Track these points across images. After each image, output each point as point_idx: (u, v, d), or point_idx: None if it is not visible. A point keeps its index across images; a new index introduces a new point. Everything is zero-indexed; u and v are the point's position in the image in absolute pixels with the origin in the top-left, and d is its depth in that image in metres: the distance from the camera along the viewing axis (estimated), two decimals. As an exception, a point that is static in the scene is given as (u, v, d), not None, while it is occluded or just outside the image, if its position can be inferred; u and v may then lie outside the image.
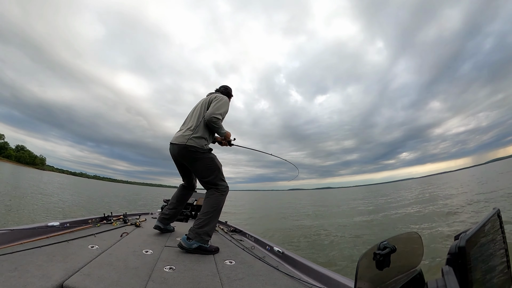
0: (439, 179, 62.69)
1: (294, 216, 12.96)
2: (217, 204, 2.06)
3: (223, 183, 2.17)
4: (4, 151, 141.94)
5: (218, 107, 2.15)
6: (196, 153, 2.07)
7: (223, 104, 2.21)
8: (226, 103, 2.25)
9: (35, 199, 11.22)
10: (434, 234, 5.99)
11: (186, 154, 2.09)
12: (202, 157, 2.09)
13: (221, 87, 2.60)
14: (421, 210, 10.37)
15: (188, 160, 2.13)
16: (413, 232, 0.83)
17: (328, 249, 5.66)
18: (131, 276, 1.27)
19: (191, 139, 2.06)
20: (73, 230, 2.00)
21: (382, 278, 0.70)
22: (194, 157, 2.09)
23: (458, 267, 0.53)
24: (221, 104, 2.19)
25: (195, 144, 2.06)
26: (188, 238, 1.90)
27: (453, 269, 0.53)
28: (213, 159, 2.16)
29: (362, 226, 8.63)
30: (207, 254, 1.90)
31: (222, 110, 2.18)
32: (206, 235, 1.95)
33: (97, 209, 10.71)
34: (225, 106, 2.22)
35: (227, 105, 2.25)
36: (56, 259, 1.31)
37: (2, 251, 1.29)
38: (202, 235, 1.92)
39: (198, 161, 2.10)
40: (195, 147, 2.05)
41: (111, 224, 2.53)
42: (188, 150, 2.06)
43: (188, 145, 2.04)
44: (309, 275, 1.56)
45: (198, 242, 1.89)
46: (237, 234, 2.91)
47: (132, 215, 3.33)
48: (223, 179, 2.20)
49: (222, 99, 2.24)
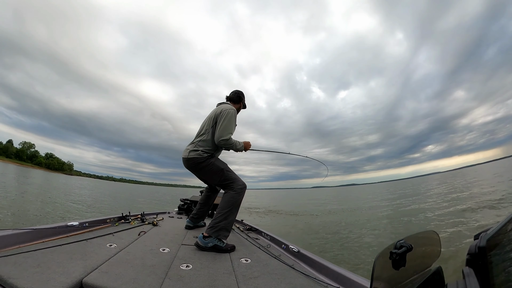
0: (466, 173, 59.02)
1: (315, 214, 12.81)
2: (233, 201, 2.09)
3: (236, 182, 2.18)
4: (35, 159, 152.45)
5: (224, 128, 2.16)
6: (197, 164, 2.22)
7: (229, 122, 2.21)
8: (232, 117, 2.23)
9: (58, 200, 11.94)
10: (453, 232, 5.68)
11: (190, 166, 2.29)
12: (203, 165, 2.22)
13: (232, 93, 2.56)
14: (442, 207, 9.86)
15: (194, 170, 2.33)
16: (430, 230, 0.79)
17: (346, 248, 5.55)
18: (148, 273, 1.31)
19: (192, 151, 2.22)
20: (92, 230, 2.08)
21: (399, 278, 0.67)
22: (197, 167, 2.26)
23: (479, 268, 0.49)
24: (227, 123, 2.19)
25: (194, 155, 2.20)
26: (205, 237, 1.91)
27: (473, 271, 0.50)
28: (213, 163, 2.23)
29: (383, 224, 8.36)
30: (223, 252, 1.89)
31: (230, 127, 2.20)
32: (224, 230, 1.97)
33: (120, 209, 11.26)
34: (231, 123, 2.22)
35: (233, 120, 2.25)
36: (75, 257, 1.38)
37: (27, 249, 1.37)
38: (220, 230, 1.94)
39: (202, 170, 2.26)
40: (194, 158, 2.20)
41: (129, 223, 2.60)
42: (190, 162, 2.25)
43: (189, 158, 2.23)
44: (325, 274, 1.54)
45: (214, 241, 1.90)
46: (253, 232, 2.92)
47: (149, 214, 3.40)
48: (235, 178, 2.21)
49: (227, 115, 2.21)
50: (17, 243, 1.42)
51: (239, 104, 2.57)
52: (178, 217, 3.62)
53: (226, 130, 2.17)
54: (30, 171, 66.36)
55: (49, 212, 8.17)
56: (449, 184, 24.18)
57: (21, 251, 1.32)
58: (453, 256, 3.85)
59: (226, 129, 2.17)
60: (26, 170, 65.78)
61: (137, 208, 10.65)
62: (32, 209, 8.17)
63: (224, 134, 2.15)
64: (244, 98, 2.61)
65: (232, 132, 2.23)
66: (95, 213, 9.50)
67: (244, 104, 2.64)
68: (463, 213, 7.88)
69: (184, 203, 4.18)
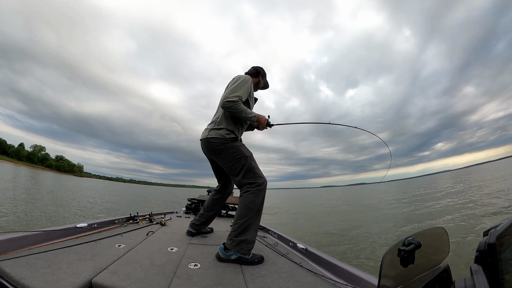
0: (477, 170, 57.61)
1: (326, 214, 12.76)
2: (252, 204, 1.76)
3: (257, 177, 1.86)
4: (46, 161, 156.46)
5: (232, 89, 1.88)
6: (218, 144, 1.89)
7: (240, 84, 1.91)
8: (244, 82, 1.94)
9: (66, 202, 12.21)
10: (461, 228, 5.57)
11: (209, 147, 1.95)
12: (224, 148, 1.89)
13: (250, 68, 2.29)
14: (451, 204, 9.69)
15: (213, 153, 1.98)
16: (438, 227, 0.78)
17: (354, 246, 5.52)
18: (157, 273, 1.32)
19: (212, 130, 1.94)
20: (101, 230, 2.11)
21: (407, 276, 0.67)
22: (217, 149, 1.92)
23: (488, 265, 0.49)
24: (237, 85, 1.90)
25: (215, 135, 1.91)
26: (226, 248, 1.66)
27: (482, 268, 0.49)
28: (238, 148, 1.90)
29: (392, 222, 8.28)
30: (250, 265, 1.63)
31: (239, 91, 1.88)
32: (246, 243, 1.67)
33: (128, 210, 11.50)
34: (242, 86, 1.91)
35: (245, 84, 1.94)
36: (85, 257, 1.41)
37: (37, 250, 1.41)
38: (240, 243, 1.66)
39: (222, 153, 1.91)
40: (215, 138, 1.90)
41: (137, 224, 2.62)
42: (210, 142, 1.93)
43: (208, 138, 1.93)
44: (333, 272, 1.54)
45: (237, 253, 1.64)
46: (261, 230, 2.92)
47: (157, 214, 3.43)
48: (257, 172, 1.88)
49: (239, 79, 1.95)
50: (28, 245, 1.46)
51: (257, 78, 2.25)
52: (186, 216, 3.67)
53: (233, 92, 1.86)
54: (41, 173, 68.05)
55: (58, 214, 8.38)
56: (460, 182, 23.71)
57: (32, 253, 1.35)
58: (460, 253, 3.79)
59: (234, 91, 1.87)
60: (36, 172, 67.48)
61: (146, 209, 10.84)
62: (41, 211, 8.39)
63: (230, 95, 1.84)
64: (263, 73, 2.28)
65: (241, 97, 1.88)
66: (103, 214, 9.68)
67: (264, 81, 2.30)
68: (472, 210, 7.73)
69: (191, 202, 4.24)
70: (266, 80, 2.32)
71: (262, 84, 2.31)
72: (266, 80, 2.32)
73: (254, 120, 1.98)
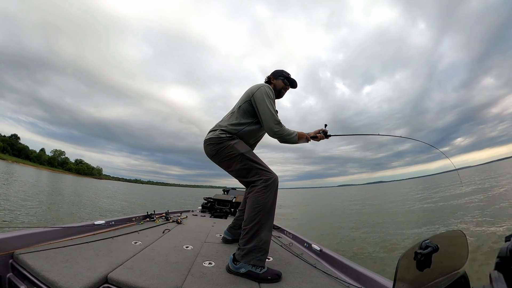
0: (499, 167, 54.43)
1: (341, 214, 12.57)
2: (259, 205, 1.50)
3: (262, 172, 1.60)
4: (66, 165, 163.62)
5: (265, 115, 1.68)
6: (214, 145, 1.72)
7: (266, 104, 1.69)
8: (265, 97, 1.71)
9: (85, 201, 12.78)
10: (481, 232, 5.26)
11: (207, 150, 1.79)
12: (219, 148, 1.71)
13: (271, 73, 2.05)
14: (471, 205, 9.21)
15: (211, 156, 1.80)
16: (457, 230, 0.75)
17: (369, 247, 5.41)
18: (171, 270, 1.35)
19: (209, 133, 1.81)
20: (118, 228, 2.18)
21: (422, 280, 0.66)
22: (212, 150, 1.74)
23: (509, 273, 0.47)
24: (264, 107, 1.69)
25: (212, 135, 1.75)
26: (235, 260, 1.43)
27: (503, 276, 0.47)
28: (232, 146, 1.69)
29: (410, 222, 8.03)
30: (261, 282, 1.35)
31: (271, 113, 1.70)
32: (257, 251, 1.42)
33: (145, 208, 11.93)
34: (267, 104, 1.70)
35: (267, 99, 1.71)
36: (101, 253, 1.46)
37: (56, 245, 1.49)
38: (250, 253, 1.41)
39: (218, 154, 1.73)
40: (211, 138, 1.74)
41: (154, 222, 2.68)
42: (207, 144, 1.77)
43: (206, 140, 1.79)
44: (347, 274, 1.52)
45: (247, 267, 1.39)
46: (275, 230, 2.91)
47: (174, 212, 3.51)
48: (260, 167, 1.63)
49: (260, 98, 1.71)
50: (48, 240, 1.53)
51: (276, 80, 2.00)
52: (201, 215, 3.75)
53: (269, 116, 1.65)
54: (61, 176, 71.35)
55: (76, 212, 8.86)
56: (481, 180, 22.57)
57: (52, 247, 1.43)
58: (479, 258, 3.59)
59: (269, 114, 1.66)
60: (57, 175, 70.82)
61: (163, 208, 11.11)
62: (62, 209, 8.94)
63: (271, 122, 1.65)
64: (284, 73, 2.02)
65: (275, 117, 1.69)
66: (121, 213, 10.03)
67: (286, 79, 2.01)
68: (494, 211, 7.30)
69: (207, 201, 4.34)
70: (291, 79, 2.04)
71: (286, 85, 2.03)
72: (291, 79, 2.04)
73: (295, 141, 1.80)
